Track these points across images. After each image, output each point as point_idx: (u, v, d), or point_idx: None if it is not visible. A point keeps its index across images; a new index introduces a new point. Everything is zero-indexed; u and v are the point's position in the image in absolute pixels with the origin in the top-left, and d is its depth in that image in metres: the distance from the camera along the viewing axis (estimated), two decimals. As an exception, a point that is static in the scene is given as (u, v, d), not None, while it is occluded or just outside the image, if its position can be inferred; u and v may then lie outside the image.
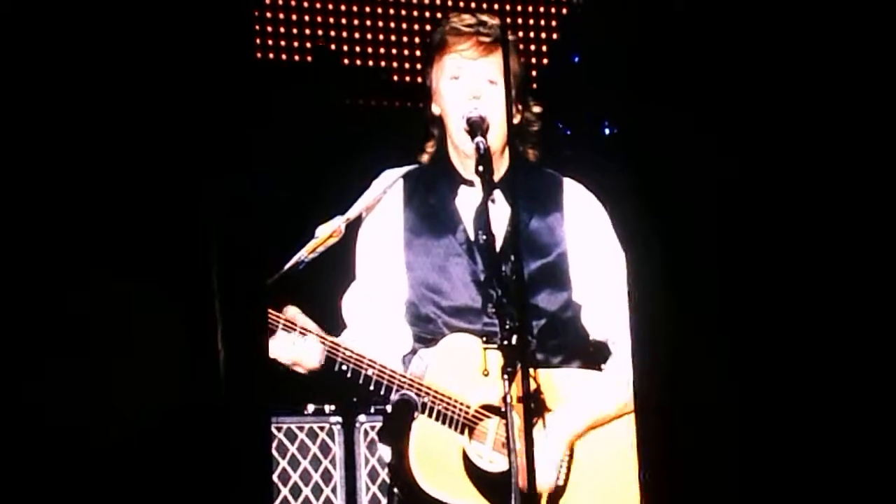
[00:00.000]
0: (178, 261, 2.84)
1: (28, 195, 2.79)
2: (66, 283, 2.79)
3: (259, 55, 5.73)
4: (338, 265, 4.25)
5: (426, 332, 4.14)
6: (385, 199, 4.25)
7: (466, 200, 4.19)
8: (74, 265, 2.80)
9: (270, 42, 5.82)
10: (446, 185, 4.22)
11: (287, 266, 4.11)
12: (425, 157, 4.29)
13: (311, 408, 5.20)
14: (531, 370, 3.67)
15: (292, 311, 4.04)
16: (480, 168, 3.92)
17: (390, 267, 4.20)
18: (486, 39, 4.11)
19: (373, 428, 5.14)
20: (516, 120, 4.16)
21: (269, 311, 3.96)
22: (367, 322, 4.20)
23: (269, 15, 5.82)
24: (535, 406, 3.59)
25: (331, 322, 4.19)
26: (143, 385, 2.79)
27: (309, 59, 5.87)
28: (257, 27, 5.73)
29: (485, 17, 4.18)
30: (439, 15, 5.86)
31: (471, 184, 4.15)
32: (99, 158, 2.82)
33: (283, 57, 5.87)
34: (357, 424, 5.19)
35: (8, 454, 2.75)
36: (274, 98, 5.64)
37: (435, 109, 4.20)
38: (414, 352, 4.16)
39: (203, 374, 2.81)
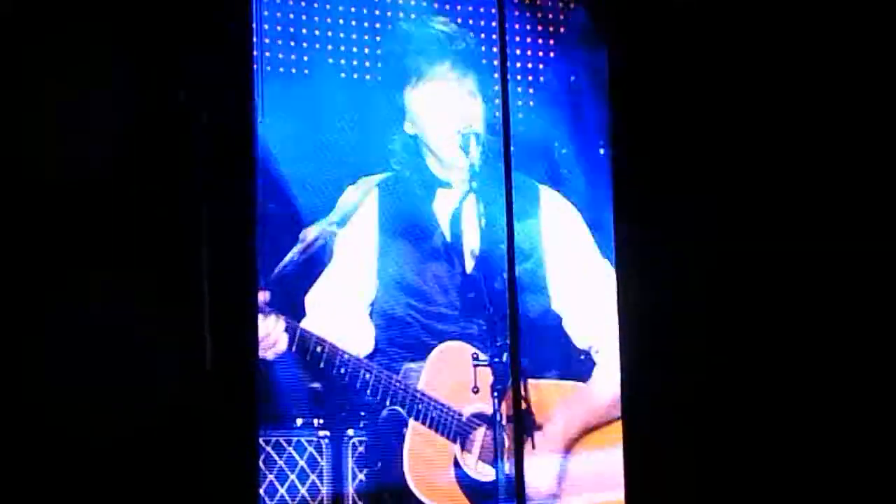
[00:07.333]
0: (169, 266, 2.86)
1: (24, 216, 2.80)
2: (55, 291, 2.79)
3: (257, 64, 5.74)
4: (320, 268, 4.33)
5: (403, 336, 4.16)
6: (362, 205, 4.29)
7: (443, 204, 4.23)
8: (70, 273, 2.80)
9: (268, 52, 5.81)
10: (423, 190, 4.27)
11: (276, 270, 4.14)
12: (395, 167, 4.30)
13: (299, 421, 5.19)
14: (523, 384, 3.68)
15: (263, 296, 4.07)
16: (474, 184, 3.96)
17: (359, 269, 4.22)
18: (460, 57, 4.16)
19: (361, 442, 5.13)
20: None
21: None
22: (328, 317, 4.22)
23: (268, 22, 5.81)
24: (525, 421, 3.60)
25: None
26: (130, 397, 2.80)
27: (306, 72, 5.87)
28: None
29: (450, 32, 4.22)
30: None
31: (448, 186, 4.21)
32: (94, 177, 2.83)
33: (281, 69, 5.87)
34: (345, 438, 5.18)
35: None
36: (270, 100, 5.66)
37: (408, 128, 4.25)
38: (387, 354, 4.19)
39: (193, 387, 2.82)
